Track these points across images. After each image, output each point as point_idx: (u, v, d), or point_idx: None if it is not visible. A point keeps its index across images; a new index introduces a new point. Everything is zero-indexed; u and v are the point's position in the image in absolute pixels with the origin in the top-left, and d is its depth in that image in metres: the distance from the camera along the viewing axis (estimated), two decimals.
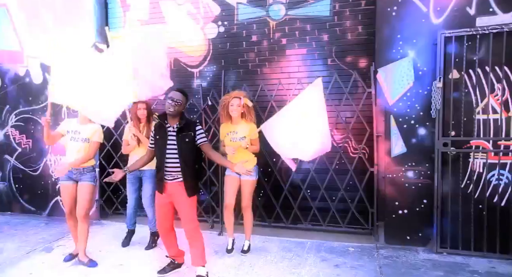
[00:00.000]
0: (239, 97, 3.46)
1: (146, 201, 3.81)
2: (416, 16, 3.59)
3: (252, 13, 4.49)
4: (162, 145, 3.01)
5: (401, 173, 3.73)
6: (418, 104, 3.64)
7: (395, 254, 3.54)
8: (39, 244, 4.07)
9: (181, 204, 3.04)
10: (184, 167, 2.98)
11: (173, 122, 3.05)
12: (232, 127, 3.53)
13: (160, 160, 3.03)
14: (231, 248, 3.68)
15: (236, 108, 3.46)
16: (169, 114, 3.00)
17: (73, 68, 3.39)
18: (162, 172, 3.03)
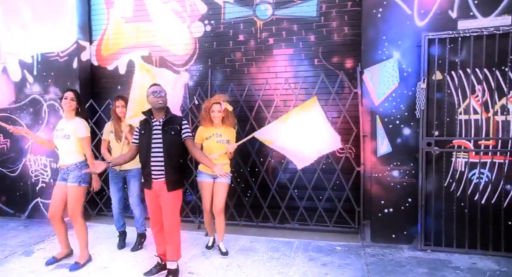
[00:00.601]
0: (220, 103, 3.44)
1: (133, 200, 3.74)
2: (401, 18, 3.67)
3: (239, 12, 4.48)
4: (147, 139, 2.99)
5: (387, 173, 3.79)
6: (403, 104, 3.71)
7: (381, 252, 3.60)
8: (18, 248, 3.92)
9: (165, 200, 3.02)
10: (167, 161, 2.95)
11: (159, 117, 3.04)
12: (215, 130, 3.49)
13: (146, 155, 2.99)
14: (211, 245, 3.76)
15: (217, 114, 3.44)
16: (159, 108, 3.00)
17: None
18: (148, 168, 2.99)
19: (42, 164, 4.97)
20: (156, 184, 3.01)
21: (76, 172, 3.30)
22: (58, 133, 3.33)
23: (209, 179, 3.50)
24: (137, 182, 3.72)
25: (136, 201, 3.73)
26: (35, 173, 5.00)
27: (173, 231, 3.06)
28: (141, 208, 3.79)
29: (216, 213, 3.51)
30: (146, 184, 3.07)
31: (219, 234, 3.63)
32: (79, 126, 3.32)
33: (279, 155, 4.28)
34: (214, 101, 3.44)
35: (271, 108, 4.20)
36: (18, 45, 4.97)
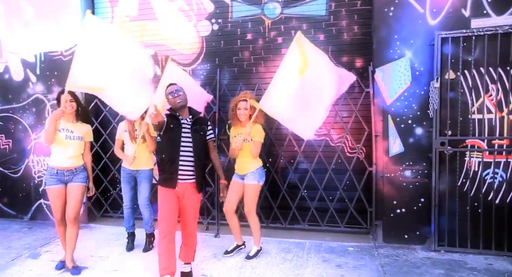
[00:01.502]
0: (246, 100, 3.36)
1: (143, 201, 3.67)
2: (413, 17, 3.64)
3: (247, 11, 4.42)
4: (176, 135, 2.89)
5: (399, 173, 3.76)
6: (415, 104, 3.69)
7: (395, 253, 3.57)
8: (24, 250, 3.84)
9: (191, 202, 2.96)
10: (197, 161, 2.92)
11: (185, 115, 3.00)
12: (240, 130, 3.42)
13: (173, 152, 2.87)
14: (230, 250, 3.59)
15: (243, 111, 3.35)
16: (180, 107, 2.97)
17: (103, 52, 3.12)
18: (175, 166, 2.86)
19: (45, 165, 4.87)
20: (181, 185, 2.90)
21: (84, 173, 3.31)
22: (68, 134, 3.24)
23: (237, 179, 3.45)
24: (148, 183, 3.66)
25: (146, 202, 3.67)
26: (38, 174, 4.90)
27: (195, 233, 3.06)
28: (150, 210, 3.72)
29: (246, 215, 3.47)
30: (169, 183, 2.86)
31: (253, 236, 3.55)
32: (89, 130, 3.41)
33: (289, 155, 4.27)
34: (240, 99, 3.36)
35: None
36: (20, 44, 4.87)
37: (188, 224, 3.02)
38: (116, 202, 4.79)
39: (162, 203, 2.89)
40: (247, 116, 3.37)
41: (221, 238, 4.10)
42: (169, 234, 2.82)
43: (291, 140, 4.10)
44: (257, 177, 3.41)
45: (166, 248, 2.80)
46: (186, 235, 3.03)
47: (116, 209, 4.81)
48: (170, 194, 2.89)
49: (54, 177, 3.20)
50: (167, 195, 2.88)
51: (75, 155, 3.25)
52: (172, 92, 2.97)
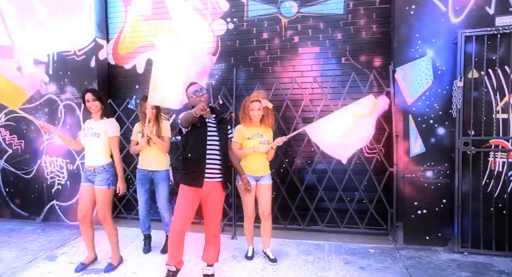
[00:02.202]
0: (260, 100, 3.30)
1: (163, 203, 3.60)
2: (435, 15, 3.58)
3: (263, 10, 4.37)
4: (203, 134, 2.83)
5: (420, 173, 3.71)
6: (437, 103, 3.63)
7: (417, 255, 3.52)
8: (40, 252, 3.79)
9: (216, 200, 2.92)
10: (224, 160, 2.90)
11: (208, 114, 2.95)
12: (255, 130, 3.35)
13: (202, 151, 2.80)
14: (251, 255, 3.52)
15: (257, 112, 3.28)
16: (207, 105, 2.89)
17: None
18: (202, 165, 2.78)
19: (58, 165, 4.83)
20: (208, 184, 2.83)
21: (104, 175, 3.19)
22: (86, 132, 3.22)
23: (252, 181, 3.35)
24: (166, 185, 3.61)
25: (166, 204, 3.61)
26: (51, 175, 4.86)
27: (219, 232, 3.02)
28: (171, 212, 3.66)
29: (264, 217, 3.37)
30: (196, 182, 2.79)
31: (267, 239, 3.46)
32: (110, 125, 3.24)
33: (307, 155, 4.22)
34: (254, 99, 3.29)
35: (299, 107, 4.10)
36: (33, 43, 4.82)
37: (212, 223, 2.96)
38: (130, 203, 4.75)
39: (181, 201, 2.83)
40: (260, 116, 3.33)
41: (239, 239, 4.04)
42: (183, 229, 2.82)
43: (309, 140, 4.04)
44: (271, 177, 3.43)
45: (176, 242, 2.82)
46: (210, 234, 2.98)
47: (130, 210, 4.77)
48: (193, 192, 2.83)
49: (84, 175, 3.24)
50: (190, 193, 2.83)
51: (93, 153, 3.20)
52: (196, 91, 2.88)
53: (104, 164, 3.21)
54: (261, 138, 3.33)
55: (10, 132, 4.99)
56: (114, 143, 3.24)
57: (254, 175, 3.36)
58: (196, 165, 2.79)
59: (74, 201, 4.76)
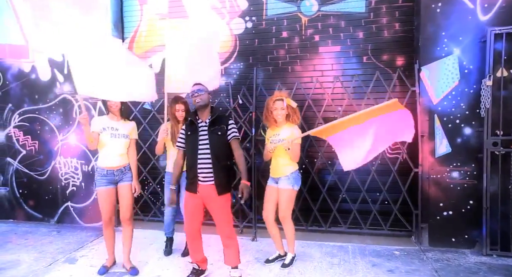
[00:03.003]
0: (282, 99, 3.22)
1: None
2: (462, 13, 3.52)
3: (283, 8, 4.31)
4: (194, 140, 2.89)
5: (446, 174, 3.65)
6: (464, 103, 3.57)
7: (444, 257, 3.45)
8: (59, 255, 3.72)
9: (215, 205, 2.89)
10: (215, 162, 2.83)
11: (205, 117, 2.92)
12: (276, 130, 3.27)
13: (192, 157, 2.88)
14: (272, 259, 3.42)
15: (280, 111, 3.19)
16: (199, 106, 2.89)
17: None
18: (195, 169, 2.86)
19: (72, 166, 4.76)
20: (203, 187, 2.87)
21: (131, 172, 3.25)
22: (114, 132, 3.15)
23: (272, 183, 3.28)
24: None
25: None
26: (65, 176, 4.79)
27: (232, 235, 2.95)
28: None
29: (281, 220, 3.28)
30: (191, 187, 2.93)
31: (287, 243, 3.36)
32: (134, 128, 3.32)
33: (329, 155, 4.15)
34: (276, 98, 3.21)
35: (319, 107, 4.04)
36: (47, 43, 4.75)
37: (219, 226, 2.94)
38: (146, 204, 4.69)
39: (185, 206, 2.99)
40: (284, 116, 3.23)
41: (259, 241, 3.98)
42: (190, 234, 2.99)
43: None
44: (291, 182, 3.18)
45: (191, 244, 3.03)
46: (223, 236, 2.96)
47: (146, 212, 4.70)
48: (192, 197, 2.94)
49: (104, 178, 3.13)
50: (190, 198, 2.94)
51: (123, 153, 3.19)
52: (193, 92, 2.89)
53: (128, 163, 3.24)
54: (276, 138, 3.21)
55: (24, 133, 4.92)
56: (134, 145, 3.31)
57: (273, 177, 3.30)
58: (189, 171, 2.90)
59: (89, 202, 4.70)
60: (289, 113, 3.23)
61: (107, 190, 3.14)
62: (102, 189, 3.13)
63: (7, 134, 4.99)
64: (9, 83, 4.93)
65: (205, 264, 3.15)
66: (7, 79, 4.93)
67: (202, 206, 2.94)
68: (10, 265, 3.48)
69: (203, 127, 2.88)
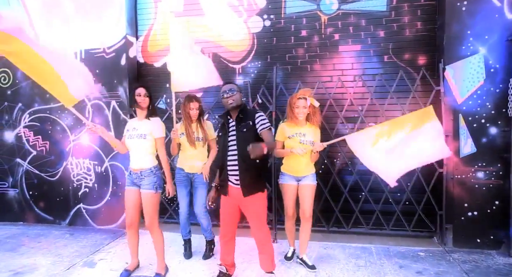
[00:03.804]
0: (305, 98, 3.15)
1: (200, 209, 3.42)
2: (489, 11, 3.49)
3: (302, 6, 4.25)
4: (223, 141, 2.83)
5: (470, 174, 3.61)
6: (489, 102, 3.53)
7: (471, 258, 3.41)
8: (76, 259, 3.62)
9: (245, 208, 2.81)
10: (241, 162, 2.70)
11: (235, 116, 2.83)
12: (299, 129, 3.19)
13: (222, 158, 2.83)
14: (290, 256, 3.44)
15: (302, 110, 3.12)
16: (232, 108, 2.79)
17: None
18: (225, 172, 2.79)
19: (85, 167, 4.66)
20: (234, 189, 2.78)
21: (151, 178, 3.01)
22: (131, 133, 3.03)
23: (293, 181, 3.22)
24: (204, 189, 3.43)
25: (203, 210, 3.43)
26: (77, 177, 4.69)
27: (265, 239, 2.85)
28: (208, 217, 3.51)
29: (304, 219, 3.22)
30: (222, 189, 2.87)
31: (304, 244, 3.30)
32: (156, 125, 3.06)
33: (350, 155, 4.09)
34: (299, 96, 3.13)
35: (340, 107, 3.99)
36: (59, 41, 4.65)
37: (253, 229, 2.85)
38: (161, 206, 4.57)
39: (221, 207, 2.92)
40: (305, 115, 3.16)
41: (279, 243, 3.91)
42: (224, 236, 2.93)
43: None
44: (315, 179, 3.25)
45: (224, 246, 2.98)
46: (256, 242, 2.88)
47: (162, 214, 4.60)
48: (226, 199, 2.88)
49: (128, 178, 3.07)
50: (223, 200, 2.89)
51: (140, 155, 3.02)
52: (225, 92, 2.77)
53: (151, 167, 3.04)
54: (303, 138, 3.14)
55: (35, 133, 4.81)
56: (160, 144, 3.08)
57: (295, 176, 3.22)
58: (220, 173, 2.87)
59: (102, 204, 4.60)
60: (310, 113, 3.17)
61: (129, 190, 3.06)
62: (126, 189, 3.07)
63: (16, 134, 4.88)
64: (19, 82, 4.82)
65: (233, 269, 3.07)
66: (17, 77, 4.82)
67: (236, 208, 2.85)
68: (28, 269, 3.37)
69: (232, 127, 2.80)
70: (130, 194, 3.07)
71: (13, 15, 2.95)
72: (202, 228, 3.55)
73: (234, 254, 3.05)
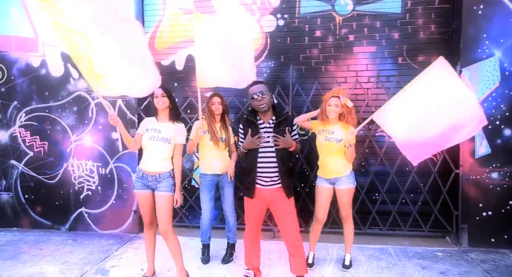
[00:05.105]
0: (338, 96, 3.09)
1: (229, 207, 3.39)
2: (504, 16, 3.58)
3: (316, 7, 4.22)
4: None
5: (485, 175, 3.68)
6: (504, 104, 3.62)
7: (489, 258, 3.47)
8: (86, 266, 3.42)
9: (282, 210, 2.76)
10: (280, 165, 2.69)
11: (267, 117, 2.78)
12: (328, 126, 3.12)
13: (252, 161, 2.72)
14: (311, 262, 3.35)
15: (334, 108, 3.04)
16: (262, 110, 2.74)
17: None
18: (253, 174, 2.71)
19: (87, 169, 4.43)
20: (266, 191, 2.73)
21: (170, 180, 2.88)
22: (153, 134, 2.87)
23: (325, 184, 3.15)
24: (231, 188, 3.39)
25: (232, 208, 3.40)
26: (79, 179, 4.45)
27: (298, 242, 2.80)
28: (235, 216, 3.44)
29: (343, 219, 3.24)
30: (247, 192, 2.79)
31: (347, 243, 3.31)
32: (181, 131, 2.95)
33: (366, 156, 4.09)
34: (332, 94, 3.07)
35: (359, 107, 3.98)
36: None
37: (286, 232, 2.80)
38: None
39: (246, 209, 2.89)
40: (338, 114, 3.10)
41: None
42: (251, 239, 2.91)
43: (371, 141, 3.93)
44: (352, 181, 3.14)
45: (249, 248, 2.94)
46: (289, 245, 2.83)
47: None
48: (252, 202, 2.81)
49: (139, 181, 2.88)
50: (250, 201, 2.82)
51: (160, 159, 2.87)
52: (256, 94, 2.71)
53: (170, 170, 2.91)
54: (330, 135, 3.07)
55: (31, 133, 4.53)
56: (179, 151, 2.96)
57: (327, 178, 3.13)
58: (248, 175, 2.77)
59: (106, 208, 4.39)
60: (344, 112, 3.10)
61: (142, 193, 2.89)
62: (138, 192, 2.91)
63: (11, 134, 4.58)
64: (15, 79, 4.53)
65: (259, 273, 2.99)
66: (12, 74, 4.53)
67: (263, 210, 2.81)
68: None
69: (266, 129, 2.72)
70: (145, 197, 2.90)
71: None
72: (227, 228, 3.47)
73: (260, 258, 2.97)
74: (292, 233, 2.76)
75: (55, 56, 4.43)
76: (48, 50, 4.45)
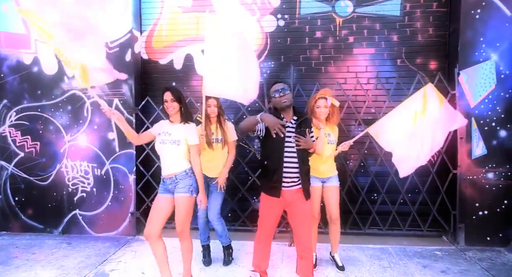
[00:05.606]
0: (325, 97, 3.13)
1: (214, 215, 3.27)
2: (500, 20, 3.68)
3: (317, 8, 4.24)
4: (279, 142, 2.63)
5: (482, 175, 3.77)
6: (500, 106, 3.72)
7: (485, 256, 3.56)
8: (83, 270, 3.31)
9: (300, 209, 2.71)
10: (301, 166, 2.66)
11: (289, 117, 2.73)
12: (324, 130, 3.12)
13: (278, 160, 2.63)
14: (314, 263, 3.32)
15: (323, 110, 3.11)
16: (285, 107, 2.69)
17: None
18: (280, 173, 2.63)
19: (82, 170, 4.31)
20: (286, 192, 2.67)
21: (187, 181, 2.78)
22: (164, 138, 2.79)
23: (318, 183, 3.18)
24: (220, 195, 3.29)
25: (217, 216, 3.29)
26: (73, 181, 4.32)
27: (310, 246, 2.76)
28: (223, 223, 3.37)
29: (332, 220, 3.22)
30: (274, 192, 2.70)
31: (335, 244, 3.32)
32: (191, 132, 2.84)
33: (365, 157, 4.12)
34: (320, 96, 3.11)
35: (361, 109, 4.01)
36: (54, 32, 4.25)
37: (300, 234, 2.75)
38: None
39: (263, 210, 2.80)
40: (327, 114, 3.15)
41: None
42: (265, 239, 2.86)
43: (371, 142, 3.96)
44: (338, 178, 3.29)
45: (260, 251, 2.89)
46: (300, 247, 2.77)
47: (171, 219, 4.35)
48: (273, 201, 2.73)
49: (161, 186, 2.81)
50: (270, 202, 2.74)
51: (172, 161, 2.79)
52: (277, 91, 2.69)
53: (186, 169, 2.80)
54: (329, 138, 3.15)
55: (22, 133, 4.37)
56: (194, 152, 2.84)
57: (320, 177, 3.20)
58: (273, 174, 2.66)
59: (101, 210, 4.27)
60: (331, 112, 3.16)
61: (160, 197, 2.81)
62: (158, 196, 2.83)
63: (0, 133, 4.40)
64: (4, 76, 4.36)
65: (266, 276, 2.95)
66: (2, 71, 4.36)
67: (281, 212, 2.77)
68: None
69: (290, 128, 2.68)
70: (161, 201, 2.80)
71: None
72: (217, 234, 3.39)
73: (269, 261, 2.94)
74: (307, 236, 2.73)
75: (48, 53, 4.28)
76: (41, 47, 4.30)
